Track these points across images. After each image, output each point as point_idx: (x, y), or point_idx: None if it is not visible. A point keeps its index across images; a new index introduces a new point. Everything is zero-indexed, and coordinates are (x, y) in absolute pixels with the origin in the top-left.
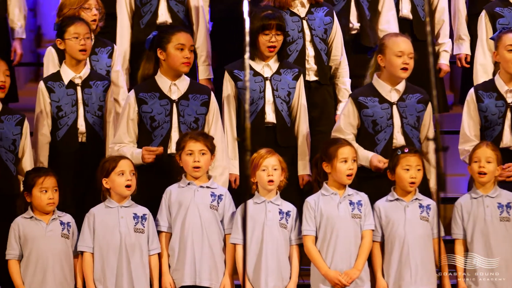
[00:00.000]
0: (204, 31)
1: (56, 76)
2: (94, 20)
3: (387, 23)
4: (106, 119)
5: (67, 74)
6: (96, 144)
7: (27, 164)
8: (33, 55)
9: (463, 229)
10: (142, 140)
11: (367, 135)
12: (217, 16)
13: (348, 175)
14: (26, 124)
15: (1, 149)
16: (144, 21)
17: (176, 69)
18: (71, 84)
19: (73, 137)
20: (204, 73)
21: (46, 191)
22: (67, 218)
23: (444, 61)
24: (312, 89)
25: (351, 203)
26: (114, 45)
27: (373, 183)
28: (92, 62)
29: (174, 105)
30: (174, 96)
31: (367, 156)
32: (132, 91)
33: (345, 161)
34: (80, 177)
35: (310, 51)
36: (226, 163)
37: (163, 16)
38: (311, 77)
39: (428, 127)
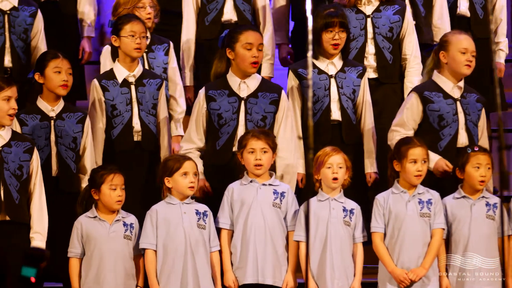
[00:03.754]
0: (270, 30)
1: (110, 75)
2: (149, 18)
3: (440, 19)
4: (159, 117)
5: (121, 72)
6: (151, 142)
7: (88, 162)
8: (96, 54)
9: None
10: (210, 137)
11: (431, 130)
12: (298, 17)
13: (416, 176)
14: (87, 122)
15: (61, 146)
16: (209, 18)
17: (244, 70)
18: (125, 83)
19: (128, 135)
20: (266, 70)
21: (115, 189)
22: (131, 219)
23: (500, 60)
24: (371, 86)
25: (420, 201)
26: (171, 42)
27: (436, 178)
28: (148, 59)
29: (242, 102)
30: (243, 94)
31: (433, 159)
32: (203, 89)
33: (415, 162)
34: (136, 175)
35: (370, 49)
36: (293, 161)
37: (228, 14)
38: (370, 74)
39: (483, 127)
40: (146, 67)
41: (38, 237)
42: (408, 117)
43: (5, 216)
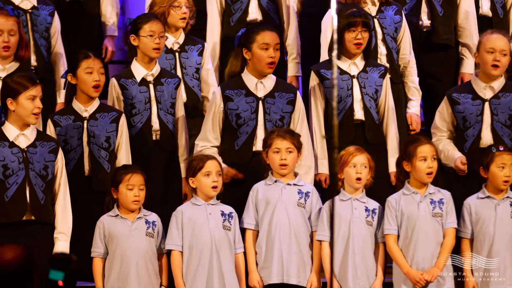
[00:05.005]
0: (295, 29)
1: (128, 73)
2: (184, 18)
3: (466, 19)
4: (177, 116)
5: (139, 71)
6: (169, 141)
7: (123, 161)
8: (121, 53)
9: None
10: (228, 137)
11: (458, 131)
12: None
13: (428, 174)
14: (122, 121)
15: (93, 146)
16: (234, 18)
17: (260, 70)
18: (144, 82)
19: (147, 135)
20: (292, 70)
21: (132, 189)
22: (153, 217)
23: None
24: None
25: (432, 201)
26: (205, 43)
27: (463, 181)
28: (181, 59)
29: (260, 102)
30: (260, 94)
31: (453, 157)
32: (219, 88)
33: (425, 159)
34: (154, 175)
35: (382, 50)
36: (311, 162)
37: (253, 13)
38: None
39: None
40: (178, 67)
41: (63, 237)
42: (439, 121)
43: (31, 216)
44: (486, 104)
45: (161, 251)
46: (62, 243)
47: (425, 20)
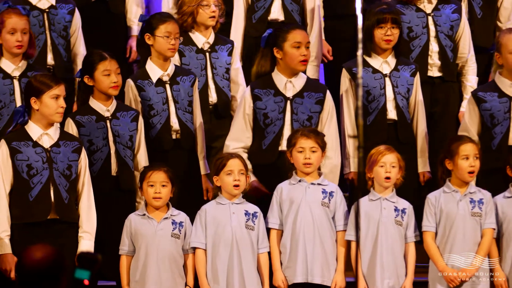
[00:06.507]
0: (317, 32)
1: (144, 74)
2: (213, 17)
3: (509, 20)
4: (194, 114)
5: (155, 72)
6: (190, 140)
7: (142, 159)
8: None
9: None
10: (255, 136)
11: (486, 129)
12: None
13: (469, 172)
14: (141, 119)
15: (119, 145)
16: (256, 16)
17: (293, 68)
18: (160, 82)
19: (166, 135)
20: (309, 72)
21: (153, 186)
22: (181, 217)
23: None
24: (436, 85)
25: (471, 201)
26: (235, 42)
27: (491, 179)
28: (211, 59)
29: (288, 102)
30: (289, 94)
31: None
32: (248, 87)
33: (467, 158)
34: (178, 174)
35: (434, 47)
36: (337, 161)
37: (276, 13)
38: (434, 72)
39: None
40: (208, 66)
41: (87, 236)
42: (469, 120)
43: (55, 215)
44: None
45: (188, 251)
46: (86, 242)
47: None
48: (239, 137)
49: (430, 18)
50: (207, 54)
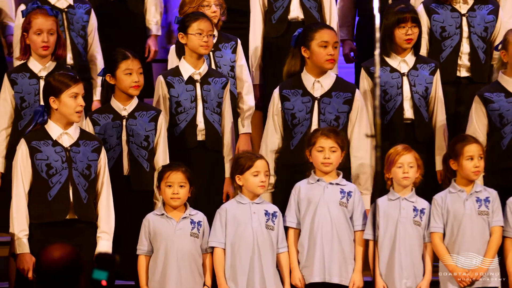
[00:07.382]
0: (335, 29)
1: (176, 72)
2: (214, 16)
3: (511, 18)
4: (224, 116)
5: (187, 69)
6: (215, 141)
7: (160, 160)
8: (164, 52)
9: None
10: (284, 137)
11: (494, 129)
12: (364, 14)
13: (474, 172)
14: (161, 120)
15: (132, 145)
16: (276, 16)
17: (320, 66)
18: (191, 80)
19: (191, 134)
20: None
21: (170, 186)
22: (199, 216)
23: None
24: (462, 85)
25: (478, 200)
26: (238, 39)
27: (501, 179)
28: (215, 58)
29: (316, 102)
30: (317, 94)
31: None
32: (277, 88)
33: (471, 159)
34: (199, 174)
35: (465, 48)
36: (367, 161)
37: (295, 12)
38: (462, 73)
39: None
40: (213, 66)
41: (105, 237)
42: (477, 122)
43: (74, 215)
44: None
45: (206, 250)
46: (105, 243)
47: None
48: (270, 139)
49: (464, 18)
50: (211, 53)
